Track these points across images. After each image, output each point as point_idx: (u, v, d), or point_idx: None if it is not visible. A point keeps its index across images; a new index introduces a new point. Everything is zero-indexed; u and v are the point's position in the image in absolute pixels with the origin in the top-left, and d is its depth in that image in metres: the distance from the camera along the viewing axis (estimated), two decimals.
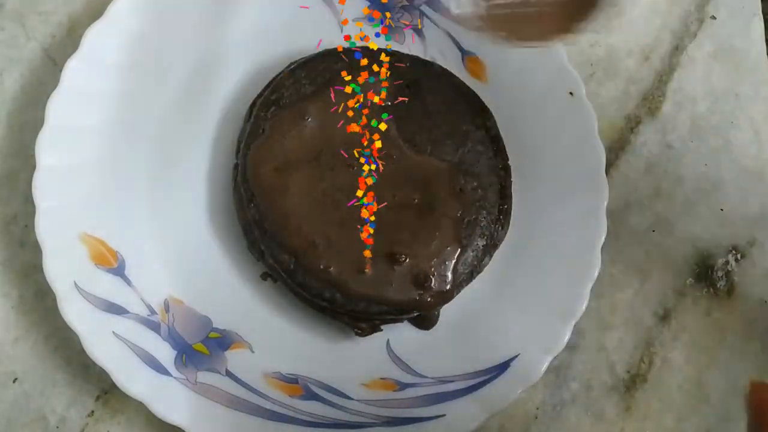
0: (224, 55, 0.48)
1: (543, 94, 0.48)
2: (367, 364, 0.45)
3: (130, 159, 0.46)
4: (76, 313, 0.42)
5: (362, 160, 0.45)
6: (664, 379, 0.47)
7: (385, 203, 0.44)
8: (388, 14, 0.49)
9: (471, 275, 0.45)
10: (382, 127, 0.45)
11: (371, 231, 0.43)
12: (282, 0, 0.49)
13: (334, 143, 0.45)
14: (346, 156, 0.45)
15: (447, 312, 0.46)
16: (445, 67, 0.48)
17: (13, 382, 0.44)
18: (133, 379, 0.41)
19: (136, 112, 0.47)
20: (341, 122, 0.45)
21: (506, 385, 0.43)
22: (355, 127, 0.45)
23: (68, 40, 0.49)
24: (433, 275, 0.43)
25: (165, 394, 0.42)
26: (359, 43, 0.48)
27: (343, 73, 0.46)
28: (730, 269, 0.49)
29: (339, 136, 0.45)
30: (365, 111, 0.45)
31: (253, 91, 0.48)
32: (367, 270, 0.43)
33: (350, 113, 0.45)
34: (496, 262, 0.46)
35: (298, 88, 0.46)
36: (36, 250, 0.42)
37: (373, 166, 0.44)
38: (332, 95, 0.46)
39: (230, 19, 0.49)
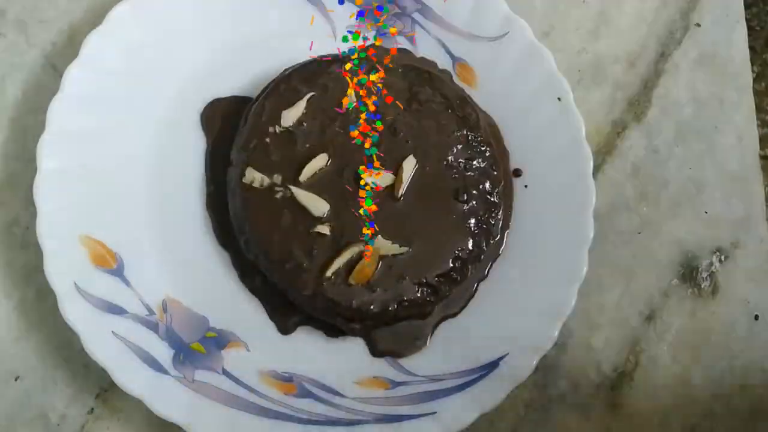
0: (221, 61, 0.49)
1: (532, 99, 0.49)
2: (360, 362, 0.45)
3: (129, 162, 0.47)
4: (76, 313, 0.42)
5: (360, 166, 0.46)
6: (649, 378, 0.48)
7: (380, 210, 0.45)
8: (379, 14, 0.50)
9: (456, 283, 0.46)
10: (375, 134, 0.46)
11: (370, 237, 0.44)
12: (277, 8, 0.50)
13: (329, 150, 0.46)
14: (340, 164, 0.46)
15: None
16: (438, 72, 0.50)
17: (15, 380, 0.45)
18: (132, 378, 0.42)
19: (135, 116, 0.47)
20: (336, 127, 0.46)
21: (495, 383, 0.44)
22: (350, 132, 0.46)
23: (69, 47, 0.50)
24: (423, 284, 0.45)
25: (163, 392, 0.42)
26: (354, 49, 0.49)
27: (337, 78, 0.47)
28: (714, 270, 0.50)
29: (334, 143, 0.46)
30: (361, 115, 0.46)
31: (249, 97, 0.49)
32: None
33: (346, 118, 0.46)
34: (487, 262, 0.47)
35: (293, 94, 0.47)
36: (37, 251, 0.43)
37: (370, 171, 0.45)
38: (327, 101, 0.47)
39: (227, 26, 0.49)
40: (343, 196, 0.45)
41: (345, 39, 0.48)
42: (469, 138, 0.47)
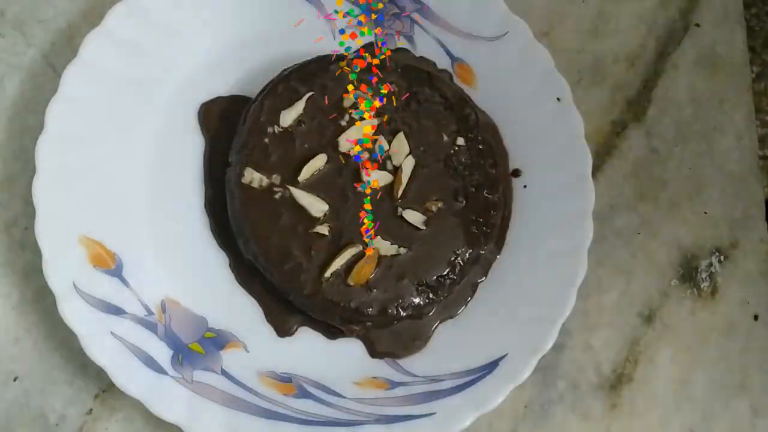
0: (219, 61, 0.49)
1: (531, 99, 0.49)
2: (359, 363, 0.46)
3: (127, 163, 0.47)
4: (75, 314, 0.42)
5: (360, 167, 0.46)
6: (649, 378, 0.48)
7: (380, 210, 0.45)
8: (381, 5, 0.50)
9: (455, 283, 0.46)
10: (368, 128, 0.46)
11: (369, 237, 0.44)
12: (276, 7, 0.50)
13: (328, 150, 0.46)
14: (338, 164, 0.46)
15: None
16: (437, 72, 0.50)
17: (14, 381, 0.45)
18: (131, 378, 0.42)
19: (134, 117, 0.47)
20: (335, 128, 0.46)
21: (495, 384, 0.44)
22: (348, 133, 0.46)
23: (67, 47, 0.50)
24: (422, 285, 0.45)
25: (162, 393, 0.42)
26: (353, 49, 0.49)
27: (336, 78, 0.47)
28: (713, 271, 0.50)
29: (332, 143, 0.46)
30: (358, 115, 0.46)
31: (248, 96, 0.49)
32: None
33: (344, 118, 0.46)
34: (486, 262, 0.47)
35: (292, 94, 0.47)
36: (36, 252, 0.43)
37: (368, 173, 0.45)
38: (326, 100, 0.47)
39: (226, 26, 0.49)
40: (342, 196, 0.45)
41: (342, 40, 0.48)
42: (468, 138, 0.47)
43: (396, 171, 0.46)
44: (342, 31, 0.50)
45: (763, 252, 0.51)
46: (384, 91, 0.47)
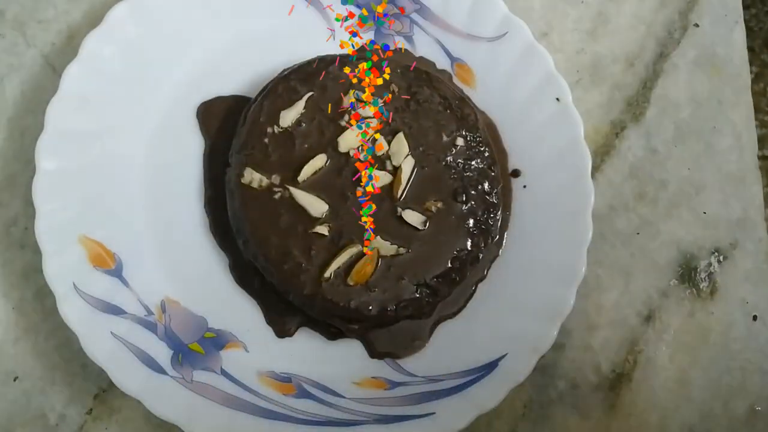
0: (219, 61, 0.49)
1: (530, 99, 0.49)
2: (358, 363, 0.46)
3: (127, 163, 0.47)
4: (75, 314, 0.42)
5: (360, 167, 0.46)
6: (648, 378, 0.48)
7: (379, 210, 0.45)
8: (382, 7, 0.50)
9: (455, 283, 0.46)
10: (374, 132, 0.46)
11: (368, 237, 0.44)
12: (275, 8, 0.50)
13: (328, 150, 0.46)
14: (338, 164, 0.46)
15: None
16: (436, 73, 0.50)
17: (14, 381, 0.45)
18: (131, 378, 0.42)
19: (134, 117, 0.47)
20: (334, 128, 0.46)
21: (494, 383, 0.44)
22: (348, 133, 0.46)
23: (67, 48, 0.50)
24: (422, 285, 0.45)
25: (161, 393, 0.42)
26: (352, 49, 0.49)
27: (335, 79, 0.47)
28: (712, 271, 0.50)
29: (332, 143, 0.46)
30: (358, 115, 0.46)
31: (248, 96, 0.49)
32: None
33: (344, 118, 0.46)
34: (486, 262, 0.47)
35: (292, 94, 0.47)
36: (36, 252, 0.43)
37: (368, 173, 0.45)
38: (325, 101, 0.47)
39: (225, 26, 0.49)
40: (341, 196, 0.45)
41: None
42: (468, 138, 0.47)
43: (396, 171, 0.46)
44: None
45: (762, 252, 0.51)
46: (383, 91, 0.47)
